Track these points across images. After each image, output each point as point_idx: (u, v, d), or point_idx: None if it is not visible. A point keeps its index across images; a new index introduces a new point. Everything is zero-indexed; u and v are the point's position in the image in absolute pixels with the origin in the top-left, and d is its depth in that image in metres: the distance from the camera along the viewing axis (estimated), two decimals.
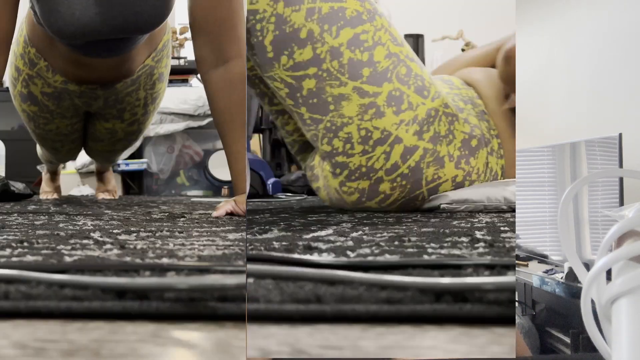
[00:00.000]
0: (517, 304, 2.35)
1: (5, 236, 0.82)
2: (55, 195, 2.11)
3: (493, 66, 1.59)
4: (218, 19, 1.22)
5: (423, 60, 3.10)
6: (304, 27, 1.20)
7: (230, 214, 1.21)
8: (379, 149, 1.25)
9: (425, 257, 0.61)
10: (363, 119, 1.23)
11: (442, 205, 1.28)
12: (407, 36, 2.97)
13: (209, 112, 2.89)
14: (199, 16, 1.23)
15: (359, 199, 1.29)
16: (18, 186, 1.85)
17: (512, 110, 1.42)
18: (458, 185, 1.32)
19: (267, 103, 1.46)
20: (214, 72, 1.23)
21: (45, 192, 2.13)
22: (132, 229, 0.93)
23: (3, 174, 2.19)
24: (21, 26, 1.52)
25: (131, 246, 0.71)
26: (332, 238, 0.79)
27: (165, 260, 0.59)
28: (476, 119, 1.37)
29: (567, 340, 2.08)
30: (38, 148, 1.93)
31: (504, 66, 1.42)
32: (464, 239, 0.77)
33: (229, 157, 1.26)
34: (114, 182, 2.29)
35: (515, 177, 1.42)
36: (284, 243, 0.74)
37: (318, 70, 1.22)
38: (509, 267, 0.53)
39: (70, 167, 2.76)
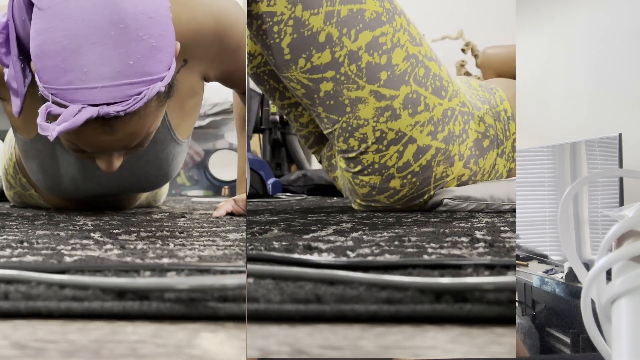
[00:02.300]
0: (517, 304, 2.35)
1: (5, 236, 0.82)
2: None
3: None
4: (241, 71, 1.22)
5: None
6: (323, 31, 1.19)
7: (231, 213, 1.22)
8: (393, 148, 1.26)
9: (425, 257, 0.61)
10: (379, 121, 1.23)
11: (445, 200, 1.29)
12: None
13: (209, 112, 2.90)
14: (225, 73, 1.22)
15: (370, 192, 1.30)
16: None
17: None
18: (462, 184, 1.33)
19: (278, 98, 1.46)
20: (237, 95, 1.33)
21: None
22: (132, 229, 0.93)
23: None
24: (10, 150, 1.41)
25: (131, 246, 0.71)
26: (332, 238, 0.79)
27: (165, 261, 0.59)
28: (492, 119, 1.38)
29: (567, 340, 2.08)
30: None
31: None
32: (464, 239, 0.77)
33: (239, 158, 1.30)
34: None
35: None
36: (284, 243, 0.74)
37: (336, 73, 1.21)
38: (509, 267, 0.53)
39: None
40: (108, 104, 0.82)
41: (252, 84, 2.38)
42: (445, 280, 0.44)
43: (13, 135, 1.40)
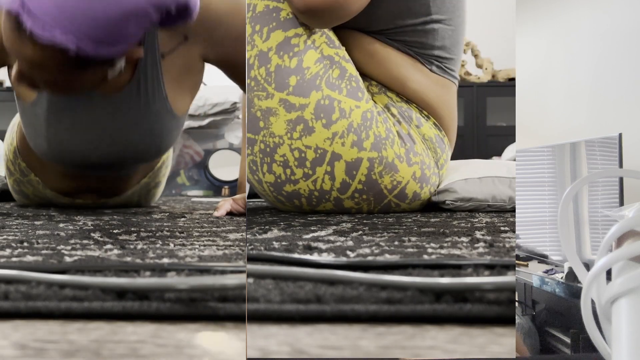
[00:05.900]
0: (517, 304, 2.35)
1: (5, 236, 0.82)
2: None
3: None
4: (241, 60, 1.18)
5: None
6: None
7: (231, 213, 1.22)
8: (319, 170, 1.16)
9: (425, 257, 0.61)
10: (293, 138, 1.14)
11: (447, 202, 1.28)
12: None
13: (209, 112, 2.90)
14: (226, 59, 1.19)
15: (334, 212, 1.23)
16: None
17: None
18: (422, 180, 1.23)
19: None
20: (243, 94, 1.29)
21: None
22: (132, 229, 0.93)
23: (3, 174, 2.19)
24: (12, 135, 1.44)
25: (131, 246, 0.71)
26: (332, 238, 0.79)
27: (165, 261, 0.59)
28: (384, 95, 1.24)
29: (567, 340, 2.08)
30: None
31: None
32: (464, 239, 0.77)
33: (242, 158, 1.29)
34: None
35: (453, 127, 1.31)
36: (284, 243, 0.74)
37: (247, 77, 1.13)
38: (509, 267, 0.53)
39: None
40: None
41: None
42: (445, 280, 0.44)
43: (15, 122, 1.46)
